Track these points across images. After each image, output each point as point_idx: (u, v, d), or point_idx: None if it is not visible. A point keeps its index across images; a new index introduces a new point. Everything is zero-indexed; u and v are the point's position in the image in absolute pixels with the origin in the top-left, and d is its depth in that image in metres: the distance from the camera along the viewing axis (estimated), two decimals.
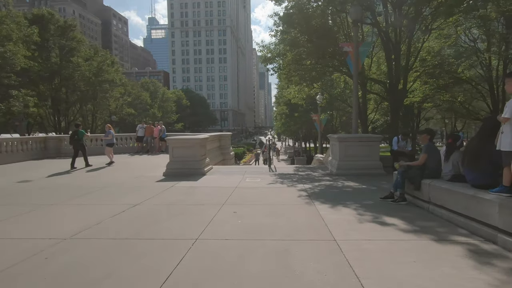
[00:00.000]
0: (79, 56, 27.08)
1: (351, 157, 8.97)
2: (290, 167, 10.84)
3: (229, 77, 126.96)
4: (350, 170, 8.84)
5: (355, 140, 8.96)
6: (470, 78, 16.28)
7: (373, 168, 8.86)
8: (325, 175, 8.95)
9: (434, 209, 4.60)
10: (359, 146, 8.95)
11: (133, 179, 8.69)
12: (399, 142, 9.26)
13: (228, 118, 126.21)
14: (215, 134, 14.18)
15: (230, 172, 9.85)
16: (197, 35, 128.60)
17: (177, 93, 63.83)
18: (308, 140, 42.51)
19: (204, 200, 5.97)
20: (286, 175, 9.11)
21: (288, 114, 31.94)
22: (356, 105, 10.79)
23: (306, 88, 16.22)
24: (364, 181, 7.80)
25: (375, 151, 8.98)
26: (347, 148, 8.96)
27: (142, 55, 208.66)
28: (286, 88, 20.24)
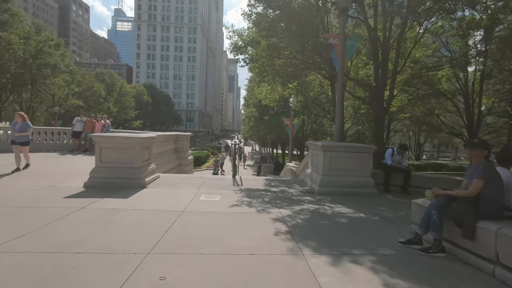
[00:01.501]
0: (12, 32, 22.50)
1: (338, 171, 7.10)
2: (260, 180, 8.70)
3: (198, 77, 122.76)
4: (336, 188, 6.97)
5: (343, 150, 7.12)
6: (447, 91, 15.71)
7: (364, 186, 7.07)
8: (305, 193, 6.96)
9: (506, 275, 2.73)
10: (348, 158, 7.12)
11: (36, 191, 5.92)
12: (394, 155, 7.63)
13: (194, 119, 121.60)
14: (169, 134, 11.63)
15: (181, 183, 7.44)
16: (165, 31, 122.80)
17: (137, 88, 58.68)
18: (276, 146, 41.05)
19: (121, 240, 3.56)
20: (255, 191, 6.95)
21: (257, 117, 29.84)
22: (340, 107, 9.03)
23: (280, 88, 14.37)
24: (357, 205, 5.93)
25: (367, 164, 7.22)
26: (333, 160, 7.08)
27: (105, 46, 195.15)
28: (257, 87, 18.30)
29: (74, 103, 31.66)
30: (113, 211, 4.79)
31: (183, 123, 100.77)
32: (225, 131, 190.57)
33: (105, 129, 14.31)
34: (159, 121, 64.46)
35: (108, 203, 5.30)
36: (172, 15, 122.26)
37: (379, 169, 7.90)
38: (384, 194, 7.24)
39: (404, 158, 7.68)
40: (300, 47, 10.49)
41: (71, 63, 31.05)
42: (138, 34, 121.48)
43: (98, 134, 8.40)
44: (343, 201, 6.21)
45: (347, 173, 7.12)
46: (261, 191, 6.99)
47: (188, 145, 13.25)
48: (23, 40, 22.93)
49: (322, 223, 4.70)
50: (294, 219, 4.82)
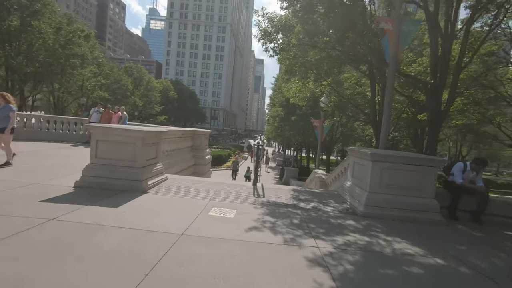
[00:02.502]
0: (44, 22, 22.69)
1: (390, 188, 5.43)
2: (285, 190, 7.17)
3: (224, 76, 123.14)
4: (386, 210, 5.31)
5: (399, 161, 5.42)
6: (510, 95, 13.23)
7: (425, 210, 5.33)
8: (345, 215, 5.35)
9: None
10: (404, 172, 5.41)
11: (12, 189, 4.85)
12: (465, 171, 5.79)
13: (218, 117, 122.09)
14: (184, 129, 10.43)
15: (191, 189, 6.13)
16: (195, 29, 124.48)
17: (164, 83, 58.96)
18: (301, 149, 39.10)
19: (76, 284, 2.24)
20: (281, 207, 5.47)
21: (283, 117, 28.05)
22: (388, 108, 7.30)
23: (312, 85, 12.74)
24: (423, 239, 4.27)
25: (429, 181, 5.45)
26: (385, 173, 5.41)
27: (138, 43, 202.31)
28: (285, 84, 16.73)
29: (100, 95, 31.87)
30: (89, 229, 3.53)
31: (207, 120, 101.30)
32: (248, 131, 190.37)
33: (122, 121, 13.49)
34: (184, 117, 64.67)
35: (90, 213, 4.07)
36: (203, 14, 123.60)
37: (444, 189, 6.09)
38: (451, 222, 5.46)
39: (479, 176, 5.82)
40: (341, 35, 8.83)
41: (100, 55, 31.29)
42: (169, 32, 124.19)
43: (95, 124, 7.33)
44: (400, 231, 4.56)
45: (402, 191, 5.42)
46: (288, 207, 5.48)
47: (206, 143, 12.01)
48: (54, 30, 23.12)
49: (384, 273, 3.11)
50: (339, 262, 3.27)
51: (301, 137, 27.83)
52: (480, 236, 4.89)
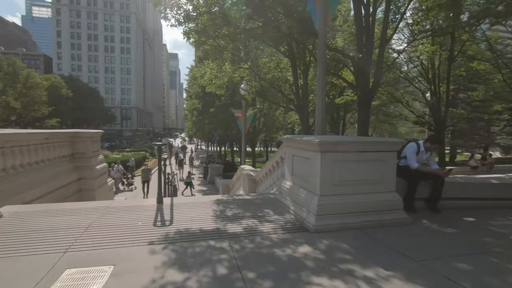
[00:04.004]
0: None
1: (347, 187, 3.99)
2: (204, 204, 5.10)
3: (134, 71, 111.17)
4: (346, 217, 3.87)
5: (355, 148, 3.99)
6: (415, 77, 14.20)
7: (390, 209, 4.09)
8: (293, 234, 3.67)
9: None
10: (363, 162, 4.03)
11: None
12: (419, 153, 4.82)
13: (131, 117, 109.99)
14: (55, 132, 7.22)
15: (35, 235, 3.52)
16: (92, 17, 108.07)
17: (52, 80, 47.88)
18: (224, 143, 37.26)
19: None
20: (196, 240, 3.43)
21: (201, 110, 25.39)
22: (322, 85, 6.02)
23: (228, 67, 10.90)
24: (407, 257, 2.89)
25: (391, 171, 4.22)
26: (339, 167, 3.92)
27: (16, 34, 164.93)
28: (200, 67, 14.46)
29: None
30: None
31: (117, 121, 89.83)
32: (168, 129, 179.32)
33: None
34: (85, 119, 54.75)
35: None
36: (100, 0, 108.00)
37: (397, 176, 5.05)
38: (412, 217, 4.39)
39: (433, 157, 4.95)
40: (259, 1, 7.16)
41: None
42: (58, 20, 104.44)
43: None
44: (375, 251, 3.11)
45: (362, 188, 4.05)
46: (208, 238, 3.48)
47: (96, 148, 8.90)
48: None
49: None
50: None
51: (223, 130, 25.93)
52: (454, 233, 3.87)
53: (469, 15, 12.34)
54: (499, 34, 13.58)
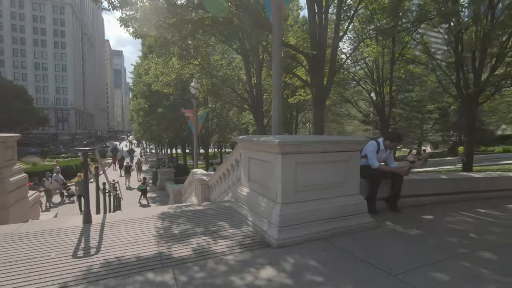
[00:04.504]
0: None
1: (311, 192, 3.56)
2: (146, 220, 4.25)
3: (71, 68, 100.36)
4: (312, 226, 3.45)
5: (318, 149, 3.57)
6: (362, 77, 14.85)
7: (355, 214, 3.78)
8: (253, 251, 3.11)
9: None
10: (327, 164, 3.64)
11: None
12: (379, 152, 4.65)
13: (69, 119, 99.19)
14: None
15: None
16: (16, 6, 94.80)
17: None
18: (175, 146, 35.25)
19: None
20: (132, 273, 2.64)
21: (148, 111, 23.36)
22: (277, 85, 5.62)
23: (176, 63, 9.97)
24: (384, 271, 2.51)
25: (355, 172, 3.91)
26: (303, 170, 3.46)
27: None
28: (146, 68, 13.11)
29: None
30: None
31: (51, 123, 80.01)
32: (113, 132, 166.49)
33: None
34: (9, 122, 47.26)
35: None
36: None
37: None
38: (376, 219, 4.17)
39: (391, 154, 4.83)
40: None
41: None
42: None
43: None
44: (348, 265, 2.70)
45: (327, 192, 3.66)
46: (145, 270, 2.71)
47: (9, 156, 7.25)
48: None
49: None
50: None
51: (173, 132, 24.28)
52: (419, 235, 3.70)
53: (407, 20, 13.28)
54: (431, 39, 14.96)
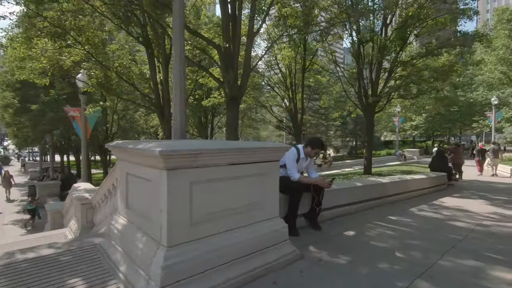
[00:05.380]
0: None
1: (214, 222, 2.45)
2: None
3: None
4: (214, 276, 2.32)
5: (224, 160, 2.51)
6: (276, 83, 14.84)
7: (275, 244, 2.86)
8: None
9: None
10: (236, 180, 2.60)
11: None
12: (299, 160, 3.94)
13: None
14: None
15: None
16: None
17: None
18: (67, 152, 28.93)
19: None
20: None
21: (18, 107, 17.82)
22: (179, 75, 4.43)
23: (50, 46, 7.51)
24: None
25: (274, 188, 3.00)
26: (202, 192, 2.34)
27: None
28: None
29: None
30: None
31: None
32: None
33: None
34: None
35: None
36: None
37: None
38: (297, 243, 3.39)
39: (312, 163, 4.18)
40: None
41: None
42: None
43: None
44: None
45: (237, 219, 2.62)
46: None
47: None
48: None
49: None
50: None
51: (60, 135, 19.35)
52: (349, 263, 3.04)
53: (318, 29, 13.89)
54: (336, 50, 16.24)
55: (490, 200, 7.32)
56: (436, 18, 11.37)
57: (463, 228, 4.44)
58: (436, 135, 47.60)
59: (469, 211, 5.72)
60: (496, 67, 30.95)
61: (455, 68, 10.77)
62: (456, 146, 12.07)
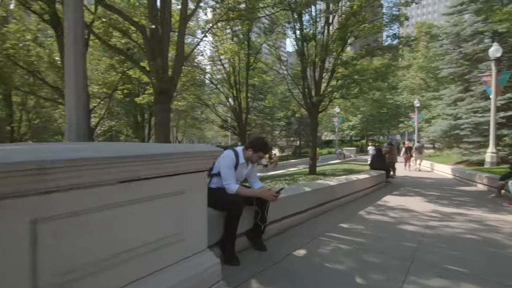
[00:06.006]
0: None
1: (85, 281, 1.44)
2: None
3: None
4: None
5: (107, 176, 1.53)
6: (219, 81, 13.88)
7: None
8: None
9: None
10: (130, 208, 1.64)
11: None
12: (238, 167, 3.11)
13: None
14: None
15: None
16: None
17: None
18: None
19: None
20: None
21: None
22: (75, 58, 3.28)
23: None
24: None
25: (198, 209, 2.09)
26: (67, 234, 1.32)
27: None
28: None
29: None
30: None
31: None
32: None
33: None
34: None
35: None
36: None
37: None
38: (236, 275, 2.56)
39: (255, 170, 3.37)
40: None
41: None
42: None
43: None
44: None
45: (131, 268, 1.65)
46: None
47: None
48: None
49: None
50: None
51: None
52: None
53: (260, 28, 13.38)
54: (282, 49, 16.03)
55: (425, 196, 7.60)
56: (373, 21, 11.81)
57: (414, 233, 4.18)
58: (369, 135, 52.17)
59: (413, 211, 5.65)
60: (417, 74, 35.00)
61: (391, 69, 11.29)
62: (391, 146, 12.73)
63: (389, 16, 11.52)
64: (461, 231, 4.32)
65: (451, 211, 5.76)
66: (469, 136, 16.16)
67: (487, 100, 14.84)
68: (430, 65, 30.88)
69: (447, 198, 7.35)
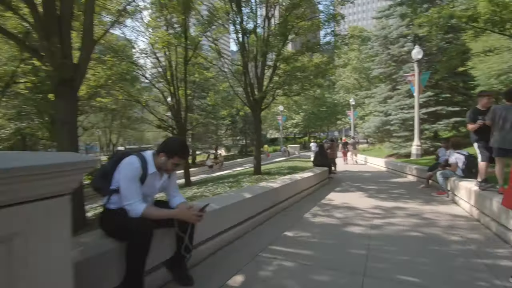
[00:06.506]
0: None
1: None
2: None
3: None
4: None
5: None
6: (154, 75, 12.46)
7: None
8: None
9: None
10: None
11: None
12: (147, 179, 2.28)
13: None
14: None
15: None
16: None
17: None
18: None
19: None
20: None
21: None
22: None
23: None
24: None
25: (58, 263, 1.27)
26: None
27: None
28: None
29: None
30: None
31: None
32: None
33: None
34: None
35: None
36: None
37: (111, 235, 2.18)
38: None
39: (174, 180, 2.58)
40: None
41: None
42: None
43: None
44: None
45: None
46: None
47: None
48: None
49: None
50: None
51: None
52: None
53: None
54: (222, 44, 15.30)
55: (365, 191, 7.68)
56: (312, 19, 11.85)
57: (360, 236, 3.88)
58: (311, 132, 54.75)
59: (357, 208, 5.50)
60: (351, 74, 37.68)
61: (330, 66, 11.45)
62: (332, 142, 13.02)
63: (326, 15, 11.67)
64: (404, 229, 4.19)
65: (391, 205, 5.77)
66: (397, 131, 17.64)
67: (411, 98, 16.34)
68: (363, 65, 33.43)
69: (385, 192, 7.52)
